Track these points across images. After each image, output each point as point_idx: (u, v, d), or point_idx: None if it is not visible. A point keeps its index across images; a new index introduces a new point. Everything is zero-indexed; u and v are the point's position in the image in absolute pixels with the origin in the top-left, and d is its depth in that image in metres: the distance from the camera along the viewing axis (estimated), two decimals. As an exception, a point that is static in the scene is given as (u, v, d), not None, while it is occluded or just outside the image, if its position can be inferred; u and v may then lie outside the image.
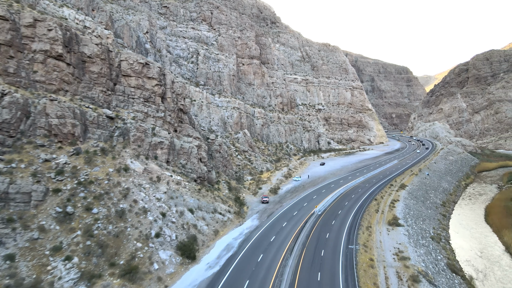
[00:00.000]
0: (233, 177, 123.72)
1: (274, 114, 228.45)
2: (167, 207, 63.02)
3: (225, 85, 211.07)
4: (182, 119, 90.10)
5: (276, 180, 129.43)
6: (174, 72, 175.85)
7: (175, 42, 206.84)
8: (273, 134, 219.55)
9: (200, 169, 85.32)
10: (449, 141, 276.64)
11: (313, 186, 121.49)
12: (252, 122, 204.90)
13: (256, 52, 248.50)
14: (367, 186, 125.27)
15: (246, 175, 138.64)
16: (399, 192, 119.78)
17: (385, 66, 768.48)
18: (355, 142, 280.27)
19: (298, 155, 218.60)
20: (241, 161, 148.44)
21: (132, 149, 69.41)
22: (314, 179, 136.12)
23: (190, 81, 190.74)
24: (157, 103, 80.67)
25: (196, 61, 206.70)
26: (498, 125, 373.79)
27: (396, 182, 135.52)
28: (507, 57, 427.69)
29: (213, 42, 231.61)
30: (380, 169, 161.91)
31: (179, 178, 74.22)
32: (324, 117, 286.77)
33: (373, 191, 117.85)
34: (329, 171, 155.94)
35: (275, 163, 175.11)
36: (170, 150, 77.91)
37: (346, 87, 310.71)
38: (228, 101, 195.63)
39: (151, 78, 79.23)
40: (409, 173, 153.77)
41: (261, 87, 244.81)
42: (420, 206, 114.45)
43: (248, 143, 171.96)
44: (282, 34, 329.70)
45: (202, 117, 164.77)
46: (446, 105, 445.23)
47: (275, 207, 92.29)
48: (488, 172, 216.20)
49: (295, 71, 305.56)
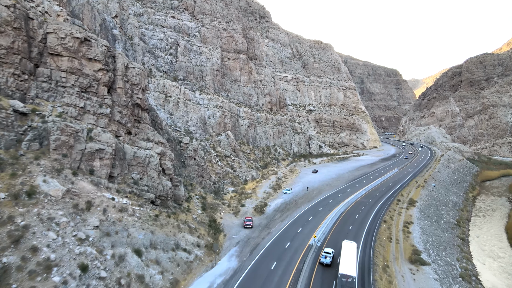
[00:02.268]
0: (211, 189, 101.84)
1: (261, 114, 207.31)
2: (97, 251, 41.02)
3: (208, 80, 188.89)
4: (140, 117, 67.87)
5: (263, 193, 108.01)
6: (147, 63, 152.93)
7: (151, 31, 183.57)
8: (260, 136, 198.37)
9: (161, 185, 63.26)
10: (446, 147, 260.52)
11: (308, 202, 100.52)
12: (237, 123, 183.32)
13: (243, 46, 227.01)
14: (371, 202, 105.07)
15: (228, 185, 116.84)
16: (409, 211, 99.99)
17: (374, 68, 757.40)
18: (348, 146, 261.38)
19: (287, 159, 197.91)
20: (222, 168, 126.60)
21: (52, 161, 46.99)
22: (307, 192, 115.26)
23: (167, 74, 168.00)
24: (101, 94, 58.32)
25: (175, 53, 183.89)
26: (493, 131, 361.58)
27: (403, 196, 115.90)
28: (501, 61, 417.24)
29: (196, 33, 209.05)
30: (380, 179, 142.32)
31: (126, 201, 52.07)
32: (315, 118, 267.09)
33: (379, 209, 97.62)
34: (324, 181, 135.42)
35: (262, 170, 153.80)
36: (115, 161, 55.67)
37: (338, 87, 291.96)
38: (211, 98, 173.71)
39: (92, 60, 56.92)
40: (414, 185, 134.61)
41: (248, 84, 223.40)
42: (435, 228, 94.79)
43: (232, 147, 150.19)
44: (272, 29, 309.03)
45: (178, 116, 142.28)
46: (439, 109, 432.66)
47: (261, 234, 70.80)
48: (491, 182, 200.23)
49: (285, 68, 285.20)
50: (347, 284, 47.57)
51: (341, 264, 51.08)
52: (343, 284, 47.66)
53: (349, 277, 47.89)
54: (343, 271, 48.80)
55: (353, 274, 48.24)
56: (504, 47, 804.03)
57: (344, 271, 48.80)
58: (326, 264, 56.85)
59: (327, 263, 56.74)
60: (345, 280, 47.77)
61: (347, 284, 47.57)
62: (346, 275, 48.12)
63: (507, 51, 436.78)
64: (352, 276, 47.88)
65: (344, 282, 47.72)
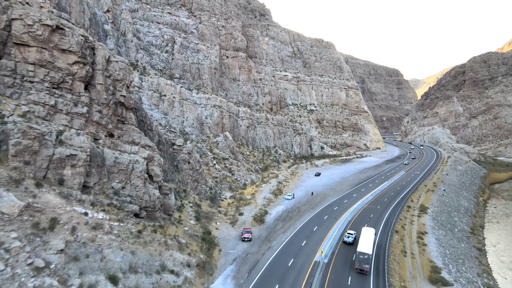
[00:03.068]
0: (207, 195, 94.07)
1: (261, 114, 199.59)
2: (59, 282, 33.39)
3: (205, 79, 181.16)
4: (124, 118, 60.11)
5: (263, 199, 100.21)
6: (141, 60, 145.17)
7: (147, 27, 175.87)
8: (260, 137, 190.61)
9: (147, 194, 55.53)
10: (452, 148, 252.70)
11: (311, 209, 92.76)
12: (236, 123, 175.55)
13: (243, 44, 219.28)
14: (379, 209, 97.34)
15: (225, 190, 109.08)
16: (421, 219, 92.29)
17: (375, 68, 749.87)
18: (351, 147, 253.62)
19: (288, 161, 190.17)
20: (220, 172, 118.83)
21: (11, 169, 39.26)
22: (310, 197, 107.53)
23: (163, 72, 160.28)
24: (77, 91, 50.57)
25: (172, 51, 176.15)
26: (498, 131, 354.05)
27: (413, 202, 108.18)
28: (505, 60, 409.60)
29: (193, 30, 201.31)
30: (387, 183, 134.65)
31: (102, 216, 44.33)
32: (317, 118, 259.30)
33: (389, 217, 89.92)
34: (328, 185, 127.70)
35: (262, 173, 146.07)
36: (92, 168, 47.92)
37: (340, 87, 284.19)
38: (208, 98, 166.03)
39: (66, 51, 49.23)
40: (423, 189, 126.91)
41: (248, 83, 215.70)
42: (450, 238, 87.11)
43: (230, 149, 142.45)
44: (272, 27, 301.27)
45: (173, 116, 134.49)
46: (442, 108, 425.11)
47: (261, 249, 63.07)
48: (500, 185, 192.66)
49: (286, 67, 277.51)
50: (364, 260, 56.08)
51: (359, 244, 59.39)
52: (360, 260, 56.20)
53: (365, 254, 56.32)
54: (360, 250, 57.20)
55: (369, 252, 56.65)
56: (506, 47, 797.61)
57: (361, 249, 57.19)
58: (349, 243, 68.22)
59: (350, 242, 68.15)
60: (362, 257, 56.25)
61: (364, 260, 56.08)
62: (363, 252, 56.55)
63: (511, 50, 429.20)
64: (368, 253, 56.29)
65: (361, 258, 56.24)
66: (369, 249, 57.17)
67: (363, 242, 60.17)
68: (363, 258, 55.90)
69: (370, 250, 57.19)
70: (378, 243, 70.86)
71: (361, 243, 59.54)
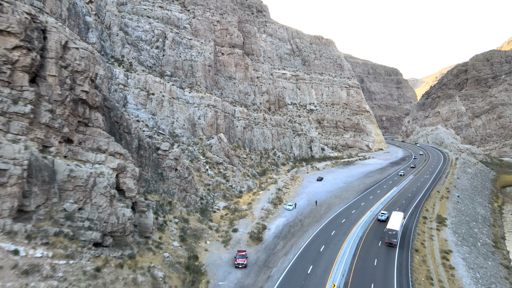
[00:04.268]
0: (197, 207, 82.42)
1: (259, 114, 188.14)
2: None
3: (199, 77, 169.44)
4: (88, 119, 48.44)
5: (261, 210, 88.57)
6: (127, 56, 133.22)
7: (136, 21, 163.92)
8: (258, 138, 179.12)
9: (114, 215, 43.91)
10: (458, 149, 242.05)
11: (316, 222, 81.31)
12: (232, 124, 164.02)
13: (239, 40, 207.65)
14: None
15: (218, 200, 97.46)
16: (441, 233, 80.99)
17: (374, 67, 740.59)
18: (353, 148, 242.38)
19: (287, 164, 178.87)
20: (213, 178, 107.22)
21: None
22: (314, 207, 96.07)
23: (152, 69, 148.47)
24: (18, 85, 38.94)
25: (162, 46, 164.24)
26: (502, 131, 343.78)
27: (428, 212, 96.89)
28: (508, 58, 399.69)
29: (186, 25, 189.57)
30: (396, 189, 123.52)
31: (42, 253, 32.68)
32: (317, 119, 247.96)
33: (404, 231, 78.59)
34: (332, 192, 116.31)
35: (259, 178, 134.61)
36: (32, 186, 36.23)
37: (341, 85, 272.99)
38: (202, 96, 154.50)
39: (4, 32, 37.68)
40: (437, 196, 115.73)
41: (244, 81, 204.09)
42: (476, 255, 75.92)
43: (225, 152, 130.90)
44: (270, 24, 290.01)
45: (162, 117, 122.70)
46: (444, 108, 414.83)
47: (259, 280, 51.53)
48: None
49: (284, 65, 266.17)
50: (392, 236, 67.89)
51: (388, 223, 72.83)
52: (389, 235, 68.00)
53: (393, 230, 68.13)
54: (389, 227, 69.75)
55: (396, 228, 68.70)
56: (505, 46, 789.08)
57: (390, 227, 69.73)
58: (382, 220, 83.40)
59: (383, 219, 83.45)
60: (391, 233, 68.11)
61: (392, 235, 67.92)
62: (391, 229, 68.53)
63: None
64: (396, 230, 68.17)
65: (390, 234, 68.11)
66: (396, 227, 69.71)
67: (392, 221, 73.25)
68: (391, 233, 68.16)
69: (397, 227, 69.54)
70: (398, 266, 59.56)
71: (390, 222, 72.69)
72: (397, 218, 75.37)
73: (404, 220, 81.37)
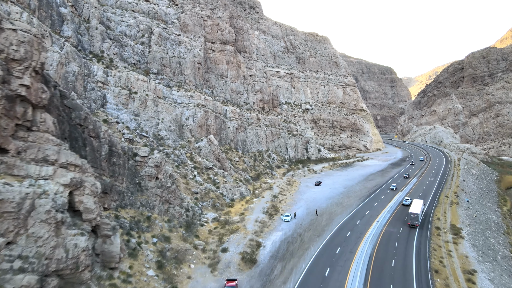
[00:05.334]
0: (181, 220, 72.08)
1: (252, 114, 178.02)
2: None
3: (188, 75, 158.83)
4: (31, 121, 37.93)
5: (254, 222, 78.37)
6: (108, 51, 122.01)
7: (120, 16, 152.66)
8: (251, 140, 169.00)
9: (62, 247, 33.58)
10: (458, 149, 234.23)
11: (317, 237, 71.38)
12: (223, 125, 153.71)
13: (231, 36, 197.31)
14: (403, 233, 76.50)
15: (207, 210, 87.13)
16: (460, 247, 71.60)
17: (368, 66, 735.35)
18: (350, 149, 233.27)
19: (282, 167, 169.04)
20: (201, 185, 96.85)
21: None
22: (314, 217, 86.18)
23: (137, 67, 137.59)
24: None
25: (148, 42, 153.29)
26: (500, 129, 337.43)
27: (440, 220, 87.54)
28: (505, 55, 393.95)
29: (174, 20, 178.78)
30: (401, 193, 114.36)
31: None
32: (313, 118, 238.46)
33: (418, 246, 69.17)
34: (332, 198, 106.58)
35: (253, 183, 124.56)
36: None
37: (337, 84, 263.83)
38: (191, 96, 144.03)
39: None
40: (446, 202, 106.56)
41: (236, 80, 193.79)
42: (500, 272, 66.85)
43: (215, 155, 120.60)
44: (263, 20, 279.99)
45: (146, 118, 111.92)
46: (440, 106, 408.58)
47: (252, 320, 41.34)
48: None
49: (278, 63, 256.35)
50: (414, 218, 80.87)
51: (410, 207, 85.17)
52: (412, 218, 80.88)
53: (415, 214, 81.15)
54: (411, 211, 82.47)
55: (417, 212, 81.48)
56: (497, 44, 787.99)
57: (412, 211, 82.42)
58: (406, 205, 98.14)
59: (407, 204, 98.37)
60: (412, 216, 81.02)
61: (414, 218, 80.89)
62: (413, 213, 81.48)
63: (511, 45, 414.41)
64: (417, 213, 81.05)
65: (412, 216, 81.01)
66: (417, 210, 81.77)
67: (413, 206, 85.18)
68: (413, 216, 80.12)
69: (418, 211, 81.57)
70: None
71: (412, 207, 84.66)
72: (418, 204, 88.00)
73: (424, 207, 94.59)
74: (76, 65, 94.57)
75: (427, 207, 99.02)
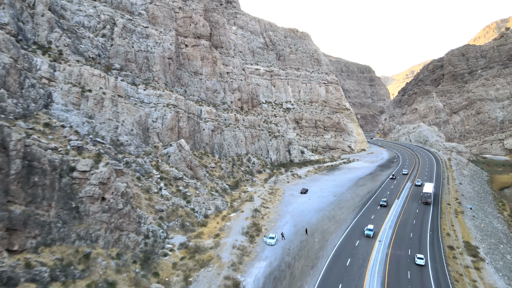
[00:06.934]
0: (137, 252, 55.93)
1: (230, 114, 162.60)
2: None
3: (157, 71, 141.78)
4: None
5: (232, 249, 62.94)
6: (57, 42, 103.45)
7: (77, 4, 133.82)
8: (229, 143, 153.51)
9: None
10: (444, 147, 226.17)
11: (311, 269, 56.76)
12: (197, 127, 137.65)
13: (205, 30, 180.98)
14: (411, 256, 62.96)
15: (174, 232, 71.17)
16: (483, 273, 58.62)
17: (347, 65, 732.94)
18: (335, 150, 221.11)
19: (264, 172, 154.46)
20: (168, 200, 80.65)
21: None
22: (304, 238, 71.62)
23: (96, 62, 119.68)
24: None
25: (111, 35, 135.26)
26: (481, 127, 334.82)
27: (450, 237, 74.68)
28: (483, 53, 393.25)
29: (142, 11, 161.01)
30: (399, 202, 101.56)
31: None
32: (295, 118, 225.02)
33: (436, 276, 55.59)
34: (322, 210, 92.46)
35: (231, 193, 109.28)
36: None
37: (319, 81, 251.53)
38: (160, 94, 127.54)
39: None
40: (449, 210, 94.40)
41: (212, 77, 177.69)
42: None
43: (186, 162, 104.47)
44: (241, 15, 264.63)
45: (103, 120, 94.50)
46: (421, 104, 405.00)
47: None
48: (510, 191, 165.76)
49: (257, 60, 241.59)
50: (427, 197, 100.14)
51: (424, 188, 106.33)
52: (425, 196, 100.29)
53: (427, 193, 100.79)
54: (424, 190, 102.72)
55: (430, 191, 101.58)
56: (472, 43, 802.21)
57: (425, 190, 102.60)
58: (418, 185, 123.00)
59: (419, 184, 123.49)
60: (426, 195, 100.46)
61: (427, 196, 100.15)
62: (426, 192, 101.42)
63: (489, 42, 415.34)
64: (429, 192, 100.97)
65: (425, 195, 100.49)
66: (429, 190, 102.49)
67: (426, 187, 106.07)
68: (426, 195, 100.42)
69: (430, 190, 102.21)
70: None
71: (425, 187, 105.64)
72: (430, 185, 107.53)
73: (434, 190, 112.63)
74: (8, 56, 76.53)
75: (431, 219, 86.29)
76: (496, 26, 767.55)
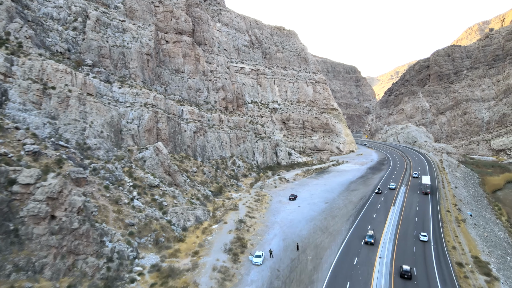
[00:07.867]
0: (97, 279, 46.22)
1: (214, 115, 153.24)
2: None
3: (133, 68, 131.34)
4: None
5: (212, 272, 53.79)
6: (16, 33, 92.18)
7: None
8: (212, 145, 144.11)
9: None
10: (434, 149, 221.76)
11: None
12: (178, 128, 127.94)
13: (188, 25, 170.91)
14: (419, 276, 55.03)
15: (146, 250, 61.53)
16: (501, 297, 50.83)
17: (333, 65, 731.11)
18: (323, 152, 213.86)
19: (249, 175, 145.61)
20: (141, 212, 70.91)
21: None
22: (295, 255, 63.04)
23: (65, 57, 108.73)
24: None
25: (83, 28, 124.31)
26: (467, 127, 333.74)
27: (457, 250, 67.27)
28: (469, 53, 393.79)
29: (118, 4, 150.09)
30: (394, 209, 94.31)
31: None
32: (281, 119, 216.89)
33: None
34: (314, 220, 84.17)
35: (214, 200, 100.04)
36: None
37: (307, 81, 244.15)
38: (137, 93, 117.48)
39: None
40: (450, 218, 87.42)
41: (195, 76, 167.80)
42: None
43: (164, 167, 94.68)
44: (225, 12, 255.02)
45: (68, 122, 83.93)
46: (408, 105, 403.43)
47: None
48: (504, 193, 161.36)
49: (242, 58, 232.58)
50: (427, 187, 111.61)
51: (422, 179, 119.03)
52: (425, 187, 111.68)
53: (426, 184, 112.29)
54: (423, 182, 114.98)
55: (428, 182, 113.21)
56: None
57: (424, 181, 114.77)
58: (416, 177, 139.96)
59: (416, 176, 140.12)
60: (426, 185, 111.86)
61: (426, 187, 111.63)
62: (425, 183, 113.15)
63: (474, 42, 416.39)
64: (428, 183, 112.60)
65: (424, 186, 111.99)
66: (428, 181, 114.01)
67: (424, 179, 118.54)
68: (425, 186, 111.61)
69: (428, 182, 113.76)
70: None
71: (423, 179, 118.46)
72: (427, 178, 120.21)
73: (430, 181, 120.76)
74: (-50, 46, 65.71)
75: (433, 230, 78.99)
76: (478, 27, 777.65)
